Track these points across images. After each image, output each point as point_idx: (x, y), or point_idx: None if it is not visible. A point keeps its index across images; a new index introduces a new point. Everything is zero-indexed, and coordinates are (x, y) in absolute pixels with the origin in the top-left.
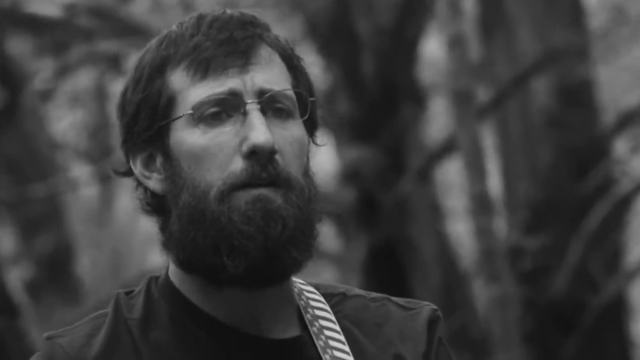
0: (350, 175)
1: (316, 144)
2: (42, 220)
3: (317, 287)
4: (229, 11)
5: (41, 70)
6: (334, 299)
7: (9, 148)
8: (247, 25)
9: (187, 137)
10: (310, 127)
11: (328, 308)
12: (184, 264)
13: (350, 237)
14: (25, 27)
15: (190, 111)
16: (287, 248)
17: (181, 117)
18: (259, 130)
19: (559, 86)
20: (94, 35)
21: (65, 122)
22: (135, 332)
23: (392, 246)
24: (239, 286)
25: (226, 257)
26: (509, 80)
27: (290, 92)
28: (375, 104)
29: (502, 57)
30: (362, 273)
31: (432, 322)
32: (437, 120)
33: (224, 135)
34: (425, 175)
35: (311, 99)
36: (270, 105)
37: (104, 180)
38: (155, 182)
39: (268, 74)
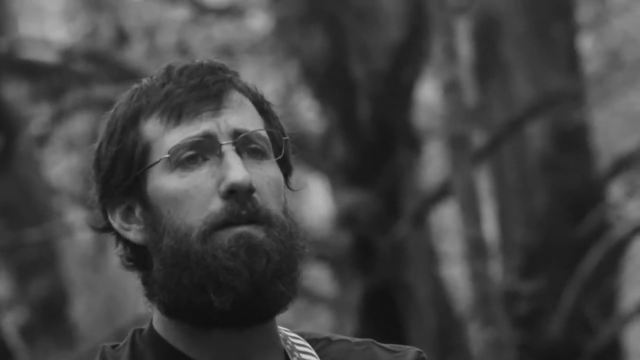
0: (345, 219)
1: (291, 188)
2: (37, 265)
3: (300, 334)
4: (197, 60)
5: (37, 115)
6: (318, 343)
7: (4, 192)
8: (217, 71)
9: (164, 182)
10: (285, 169)
11: (314, 352)
12: (170, 309)
13: (346, 281)
14: (21, 72)
15: (167, 155)
16: (273, 282)
17: (158, 162)
18: (236, 169)
19: (554, 131)
20: (90, 80)
21: (60, 166)
22: None
23: (387, 290)
24: (227, 325)
25: (213, 294)
26: (504, 124)
27: (264, 133)
28: (371, 148)
29: (498, 101)
30: (357, 317)
31: None
32: (433, 164)
33: (201, 177)
34: (420, 220)
35: (284, 138)
36: (245, 146)
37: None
38: (135, 233)
39: (241, 116)
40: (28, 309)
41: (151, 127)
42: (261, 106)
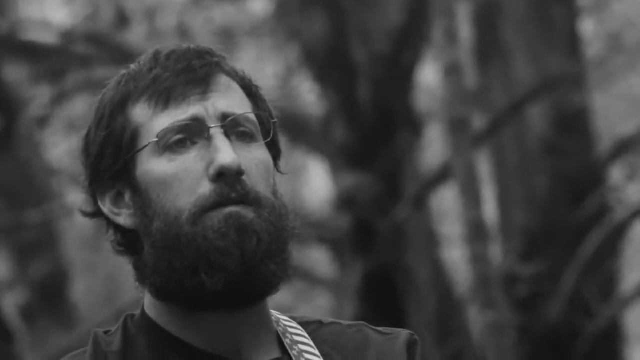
0: (345, 201)
1: (279, 171)
2: (37, 246)
3: (292, 317)
4: (185, 45)
5: (37, 97)
6: (310, 326)
7: (4, 174)
8: (205, 55)
9: (153, 166)
10: (274, 152)
11: (306, 334)
12: (162, 292)
13: (346, 263)
14: (21, 54)
15: (155, 139)
16: (264, 262)
17: (146, 146)
18: (224, 151)
19: (554, 114)
20: (90, 62)
21: (61, 148)
22: None
23: (387, 272)
24: (219, 307)
25: (205, 274)
26: (504, 107)
27: (252, 116)
28: (371, 131)
29: (498, 84)
30: (357, 299)
31: (410, 345)
32: (433, 147)
33: (190, 160)
34: (420, 202)
35: (273, 121)
36: (234, 129)
37: None
38: (125, 218)
39: (229, 100)
40: (28, 290)
41: (139, 112)
42: (249, 89)
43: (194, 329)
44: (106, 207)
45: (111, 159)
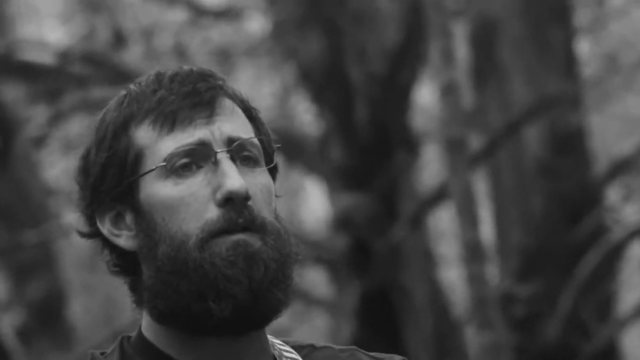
0: (342, 221)
1: (277, 195)
2: (34, 266)
3: (285, 341)
4: (186, 67)
5: (34, 117)
6: (303, 350)
7: (1, 194)
8: (208, 78)
9: (159, 189)
10: (273, 175)
11: (300, 358)
12: (165, 316)
13: (343, 283)
14: (18, 74)
15: (163, 163)
16: (270, 290)
17: (154, 169)
18: (232, 177)
19: (551, 134)
20: (87, 82)
21: (58, 168)
22: None
23: (384, 293)
24: (225, 332)
25: (212, 301)
26: (501, 128)
27: (257, 140)
28: (368, 151)
29: (495, 105)
30: (354, 320)
31: None
32: (430, 167)
33: (197, 185)
34: (417, 222)
35: (276, 146)
36: (239, 153)
37: None
38: (125, 240)
39: (233, 124)
40: (25, 311)
41: (143, 134)
42: (250, 113)
43: (194, 353)
44: (105, 227)
45: (114, 180)
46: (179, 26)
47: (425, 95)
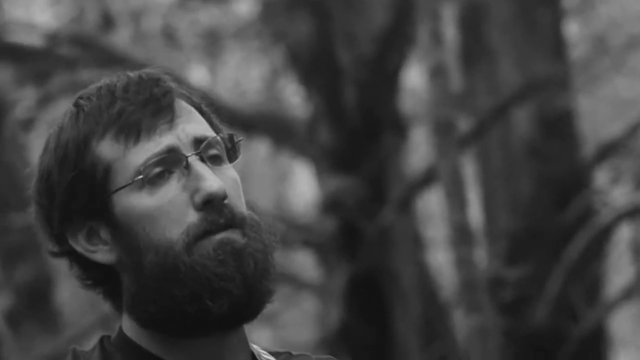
0: (331, 205)
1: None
2: (22, 250)
3: (264, 348)
4: (131, 74)
5: (22, 99)
6: (280, 356)
7: None
8: (160, 83)
9: (135, 202)
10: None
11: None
12: (155, 320)
13: (331, 267)
14: (6, 56)
15: (140, 176)
16: (261, 282)
17: (131, 184)
18: (209, 179)
19: (539, 116)
20: (75, 64)
21: None
22: None
23: (372, 276)
24: (220, 328)
25: (209, 300)
26: (490, 110)
27: (220, 137)
28: (357, 133)
29: (483, 87)
30: (342, 303)
31: None
32: (418, 150)
33: (172, 192)
34: (406, 205)
35: (239, 139)
36: (207, 153)
37: None
38: (102, 254)
39: (194, 123)
40: (13, 294)
41: (108, 148)
42: (200, 108)
43: (178, 354)
44: (79, 245)
45: (84, 198)
46: (167, 8)
47: (414, 78)
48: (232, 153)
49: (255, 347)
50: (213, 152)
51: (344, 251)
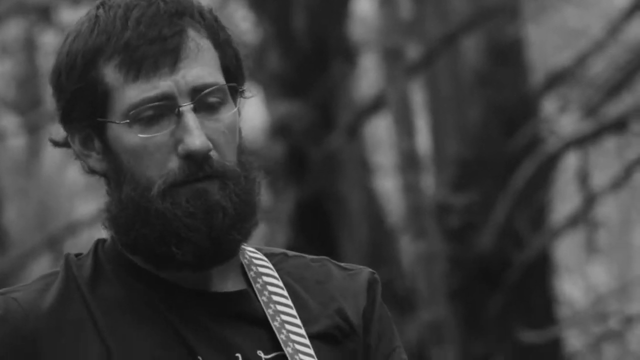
0: (279, 130)
1: (245, 97)
2: None
3: (258, 249)
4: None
5: None
6: (275, 258)
7: None
8: (174, 18)
9: (123, 136)
10: (239, 89)
11: (270, 265)
12: (129, 248)
13: (279, 191)
14: None
15: (127, 120)
16: (229, 233)
17: (117, 124)
18: (194, 135)
19: (489, 45)
20: None
21: None
22: (85, 288)
23: (320, 201)
24: (187, 269)
25: (174, 247)
26: (439, 38)
27: (222, 81)
28: (306, 60)
29: (433, 15)
30: (289, 227)
31: (371, 284)
32: (367, 77)
33: (160, 135)
34: (354, 131)
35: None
36: (203, 101)
37: (32, 131)
38: (94, 161)
39: (199, 68)
40: None
41: (111, 75)
42: (217, 38)
43: (165, 273)
44: (76, 145)
45: (83, 112)
46: None
47: (364, 5)
48: (235, 97)
49: (247, 255)
50: (211, 99)
51: (292, 176)
